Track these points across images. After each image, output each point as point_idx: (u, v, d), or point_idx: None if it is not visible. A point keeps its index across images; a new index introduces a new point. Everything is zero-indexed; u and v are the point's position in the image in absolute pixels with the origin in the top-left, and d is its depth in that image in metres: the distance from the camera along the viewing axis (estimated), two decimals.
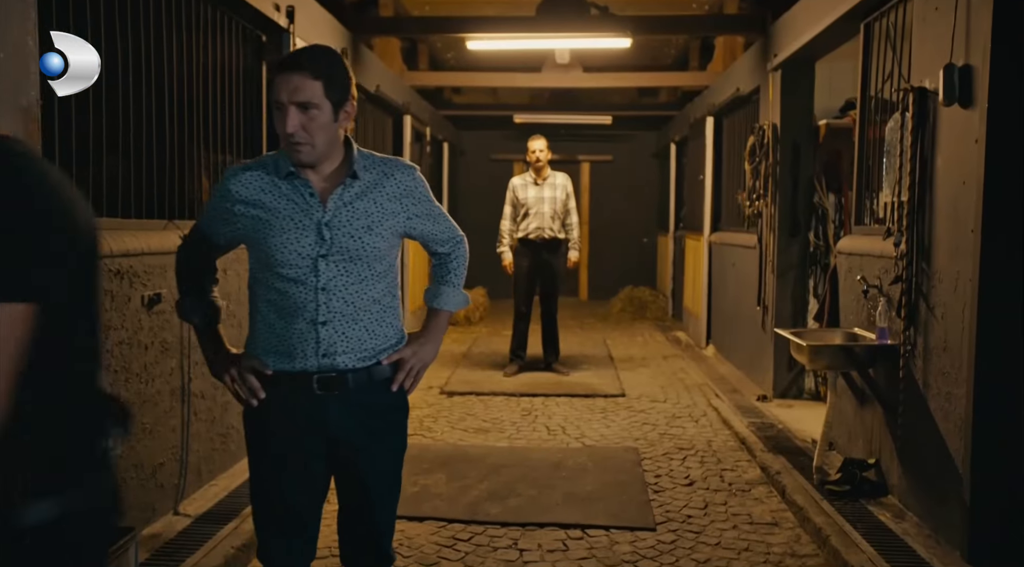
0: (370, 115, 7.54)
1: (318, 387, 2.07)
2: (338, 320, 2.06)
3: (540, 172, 6.92)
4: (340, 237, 2.05)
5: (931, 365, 3.43)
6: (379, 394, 2.15)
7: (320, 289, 2.04)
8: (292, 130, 1.96)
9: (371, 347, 2.12)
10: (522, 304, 7.04)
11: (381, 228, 2.10)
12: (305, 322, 2.05)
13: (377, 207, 2.10)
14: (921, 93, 3.50)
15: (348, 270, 2.06)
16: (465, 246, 2.36)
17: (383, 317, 2.15)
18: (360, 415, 2.12)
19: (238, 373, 2.10)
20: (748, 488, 4.20)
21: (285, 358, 2.08)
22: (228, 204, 2.08)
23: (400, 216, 2.15)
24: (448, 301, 2.33)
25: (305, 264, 2.03)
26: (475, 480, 4.28)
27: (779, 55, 5.83)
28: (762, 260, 6.15)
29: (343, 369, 2.08)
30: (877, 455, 3.96)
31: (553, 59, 9.01)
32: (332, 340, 2.06)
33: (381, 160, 2.17)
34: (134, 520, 3.19)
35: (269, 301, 2.08)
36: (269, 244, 2.03)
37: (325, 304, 2.05)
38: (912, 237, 3.55)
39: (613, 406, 5.93)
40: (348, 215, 2.06)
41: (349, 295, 2.07)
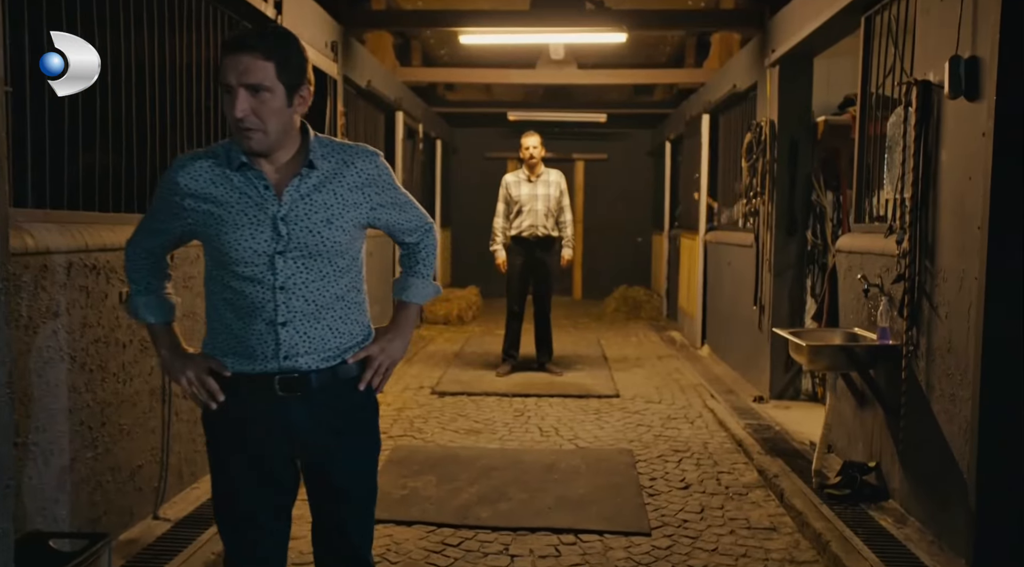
0: (362, 111, 7.43)
1: (280, 389, 1.96)
2: (299, 320, 1.95)
3: (534, 169, 6.81)
4: (298, 232, 1.92)
5: (934, 366, 3.34)
6: (345, 394, 2.04)
7: (278, 288, 1.92)
8: (241, 115, 1.83)
9: (335, 346, 2.01)
10: (515, 303, 6.93)
11: (342, 221, 1.98)
12: (263, 323, 1.94)
13: (337, 199, 1.97)
14: (925, 86, 3.41)
15: (308, 267, 1.95)
16: (435, 234, 2.24)
17: (348, 314, 2.03)
18: (326, 417, 2.01)
19: (195, 375, 1.98)
20: (745, 492, 4.10)
21: (244, 359, 1.97)
22: (177, 197, 1.95)
23: (363, 207, 2.02)
24: (417, 293, 2.21)
25: (261, 262, 1.91)
26: (466, 483, 4.18)
27: (777, 50, 5.73)
28: (759, 259, 6.06)
29: (306, 370, 1.97)
30: (877, 458, 3.86)
31: (547, 55, 8.91)
32: (293, 341, 1.95)
33: (340, 147, 2.03)
34: (110, 525, 3.08)
35: (225, 300, 1.97)
36: (222, 241, 1.91)
37: (284, 304, 1.93)
38: (915, 234, 3.46)
39: (607, 407, 5.83)
40: (306, 208, 1.94)
41: (310, 293, 1.96)
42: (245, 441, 2.00)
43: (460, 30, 6.78)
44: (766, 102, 5.99)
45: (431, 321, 9.94)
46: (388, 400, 5.90)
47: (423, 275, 2.23)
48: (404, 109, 8.61)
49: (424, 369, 7.09)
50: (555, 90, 11.28)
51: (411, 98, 9.32)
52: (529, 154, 6.76)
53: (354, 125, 7.12)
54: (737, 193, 7.09)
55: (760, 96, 6.19)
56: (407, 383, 6.51)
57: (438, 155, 11.35)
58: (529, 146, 6.76)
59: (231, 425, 2.01)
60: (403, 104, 8.57)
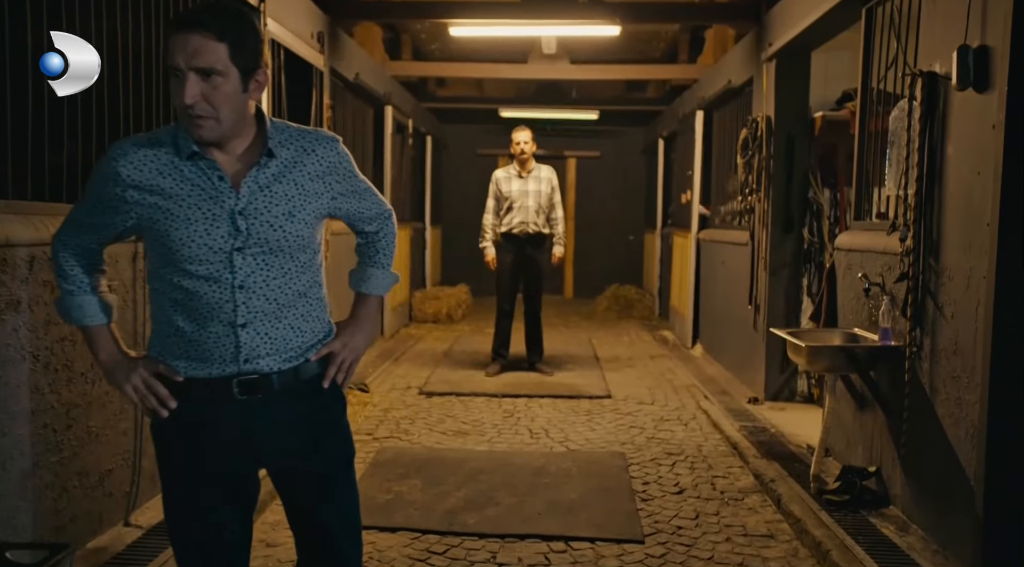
0: (350, 104, 7.28)
1: (239, 392, 1.82)
2: (260, 321, 1.81)
3: (525, 165, 6.68)
4: (258, 227, 1.78)
5: (939, 368, 3.21)
6: (309, 394, 1.92)
7: (237, 287, 1.78)
8: (191, 101, 1.68)
9: (297, 345, 1.88)
10: (505, 301, 6.79)
11: (304, 213, 1.84)
12: (221, 325, 1.79)
13: (298, 189, 1.84)
14: (930, 78, 3.28)
15: (269, 263, 1.81)
16: (394, 222, 2.13)
17: (310, 312, 1.90)
18: (290, 418, 1.88)
19: (142, 380, 1.83)
20: (741, 497, 3.97)
21: (199, 363, 1.82)
22: (118, 189, 1.77)
23: (324, 197, 1.89)
24: (378, 284, 2.09)
25: (218, 260, 1.77)
26: (452, 487, 4.04)
27: (774, 44, 5.61)
28: (754, 257, 5.93)
29: (267, 371, 1.84)
30: (878, 463, 3.74)
31: (539, 49, 8.76)
32: (254, 343, 1.81)
33: (299, 133, 1.89)
34: (77, 533, 2.93)
35: (175, 301, 1.80)
36: (172, 237, 1.75)
37: (244, 304, 1.79)
38: (919, 231, 3.33)
39: (598, 408, 5.70)
40: (266, 201, 1.79)
41: (271, 292, 1.82)
42: (202, 451, 1.85)
43: (450, 21, 6.63)
44: (762, 97, 5.87)
45: (420, 319, 9.79)
46: (374, 401, 5.76)
47: (383, 265, 2.11)
48: (393, 103, 8.46)
49: (412, 368, 6.95)
50: (547, 86, 11.13)
51: (401, 93, 9.17)
52: (520, 149, 6.62)
53: (342, 119, 6.96)
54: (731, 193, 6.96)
55: (756, 91, 6.07)
56: (394, 383, 6.36)
57: (428, 151, 11.19)
58: (520, 141, 6.62)
59: (185, 434, 1.85)
60: (392, 98, 8.42)
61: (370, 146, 8.10)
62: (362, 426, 5.12)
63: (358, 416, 5.31)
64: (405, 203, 9.43)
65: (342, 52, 6.58)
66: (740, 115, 6.66)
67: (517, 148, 6.63)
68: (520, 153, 6.62)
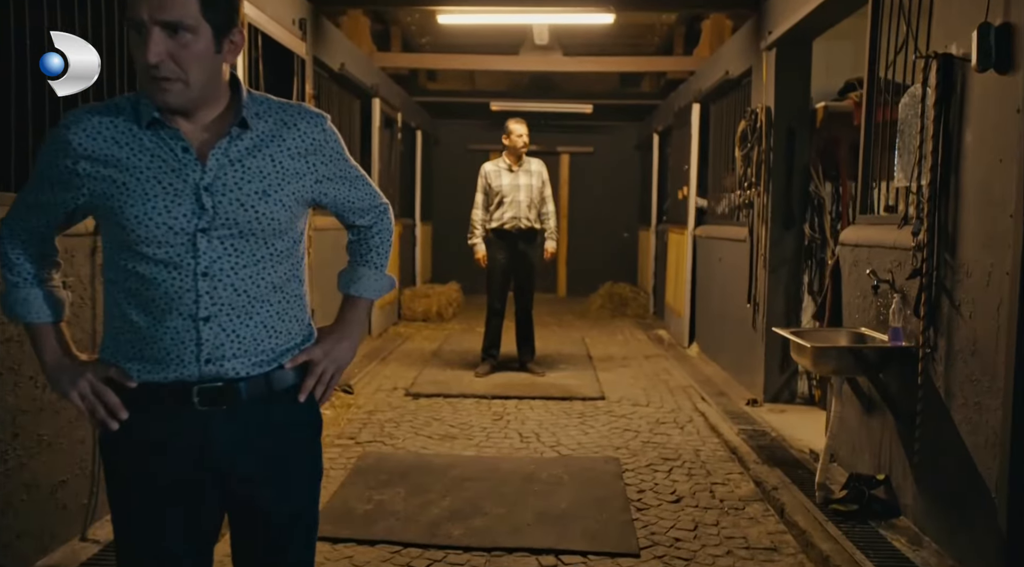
0: (335, 96, 7.05)
1: (200, 401, 1.59)
2: (225, 315, 1.58)
3: (518, 158, 6.47)
4: (226, 205, 1.56)
5: (956, 371, 3.00)
6: (282, 408, 1.68)
7: (201, 275, 1.56)
8: (155, 60, 1.46)
9: (270, 348, 1.65)
10: (496, 299, 6.57)
11: (281, 193, 1.62)
12: (181, 318, 1.56)
13: (276, 166, 1.62)
14: (946, 60, 3.07)
15: (238, 248, 1.59)
16: (390, 217, 1.90)
17: (286, 310, 1.67)
18: (257, 435, 1.65)
19: (91, 387, 1.60)
20: (742, 506, 3.76)
21: (154, 365, 1.59)
22: (68, 161, 1.56)
23: (306, 178, 1.67)
24: (369, 286, 1.85)
25: (179, 242, 1.55)
26: (437, 495, 3.82)
27: (774, 32, 5.39)
28: (753, 254, 5.72)
29: (233, 377, 1.61)
30: (887, 470, 3.53)
31: (531, 40, 8.54)
32: (218, 341, 1.58)
33: (279, 106, 1.68)
34: (25, 551, 2.70)
35: (130, 292, 1.58)
36: (127, 215, 1.53)
37: (208, 294, 1.57)
38: (933, 225, 3.12)
39: (592, 410, 5.48)
40: (237, 176, 1.58)
41: (240, 282, 1.59)
42: (156, 471, 1.62)
43: (438, 9, 6.40)
44: (762, 88, 5.66)
45: (409, 318, 9.56)
46: (359, 402, 5.53)
47: (376, 265, 1.87)
48: (381, 96, 8.22)
49: (399, 369, 6.72)
50: (540, 79, 10.91)
51: (389, 85, 8.94)
52: (523, 142, 6.41)
53: (326, 111, 6.69)
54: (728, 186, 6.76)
55: (755, 82, 5.86)
56: (380, 384, 6.14)
57: (418, 146, 10.96)
58: (523, 134, 6.41)
59: (137, 450, 1.62)
60: (380, 91, 8.18)
61: (357, 140, 7.87)
62: (345, 429, 4.89)
63: (341, 419, 5.09)
64: (394, 199, 9.19)
65: (326, 41, 6.34)
66: (738, 107, 6.45)
67: (520, 141, 6.40)
68: (522, 146, 6.42)
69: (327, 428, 4.85)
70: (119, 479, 1.66)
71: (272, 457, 1.68)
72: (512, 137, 6.41)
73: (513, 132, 6.41)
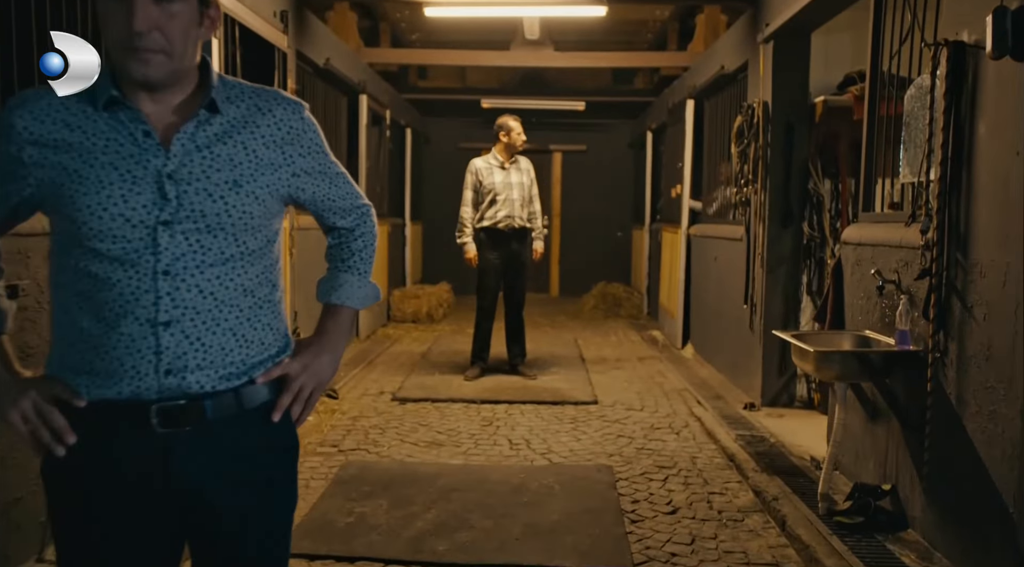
0: (320, 92, 6.86)
1: (159, 422, 1.41)
2: (189, 319, 1.41)
3: (511, 155, 6.29)
4: (192, 195, 1.40)
5: (968, 377, 2.83)
6: (255, 429, 1.50)
7: (161, 273, 1.39)
8: (144, 27, 1.33)
9: (240, 359, 1.47)
10: (488, 301, 6.38)
11: (254, 185, 1.46)
12: (138, 323, 1.38)
13: (248, 155, 1.46)
14: (957, 48, 2.90)
15: (204, 245, 1.41)
16: (374, 219, 1.73)
17: (258, 315, 1.50)
18: (223, 460, 1.47)
19: (33, 407, 1.40)
20: (741, 517, 3.59)
21: (106, 379, 1.40)
22: (12, 148, 1.39)
23: (282, 170, 1.51)
24: (352, 294, 1.67)
25: (137, 236, 1.38)
26: (422, 507, 3.63)
27: (771, 24, 5.22)
28: (750, 253, 5.55)
29: (197, 393, 1.42)
30: (892, 479, 3.37)
31: (522, 35, 8.35)
32: (180, 349, 1.40)
33: (252, 90, 1.52)
34: None
35: (80, 295, 1.40)
36: (79, 206, 1.36)
37: (169, 295, 1.39)
38: (943, 222, 2.95)
39: (584, 415, 5.30)
40: (204, 164, 1.42)
41: (206, 282, 1.42)
42: (107, 500, 1.43)
43: (425, 1, 6.20)
44: (758, 82, 5.49)
45: (399, 319, 9.37)
46: (343, 407, 5.34)
47: (360, 271, 1.70)
48: (369, 93, 8.03)
49: (386, 372, 6.53)
50: (531, 75, 10.73)
51: (377, 82, 8.74)
52: (523, 140, 6.24)
53: (311, 107, 6.52)
54: (723, 180, 6.59)
55: (752, 76, 5.69)
56: (366, 388, 5.95)
57: (408, 144, 10.77)
58: (521, 131, 6.24)
59: (86, 478, 1.44)
60: (368, 87, 7.99)
61: (344, 137, 7.68)
62: (328, 436, 4.70)
63: (324, 425, 4.90)
64: (383, 198, 9.01)
65: (310, 35, 6.15)
66: (734, 103, 6.28)
67: (520, 138, 6.23)
68: (521, 144, 6.25)
69: (309, 435, 4.67)
70: (65, 511, 1.47)
71: (242, 486, 1.50)
72: (512, 134, 6.23)
73: (513, 129, 6.23)
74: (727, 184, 6.32)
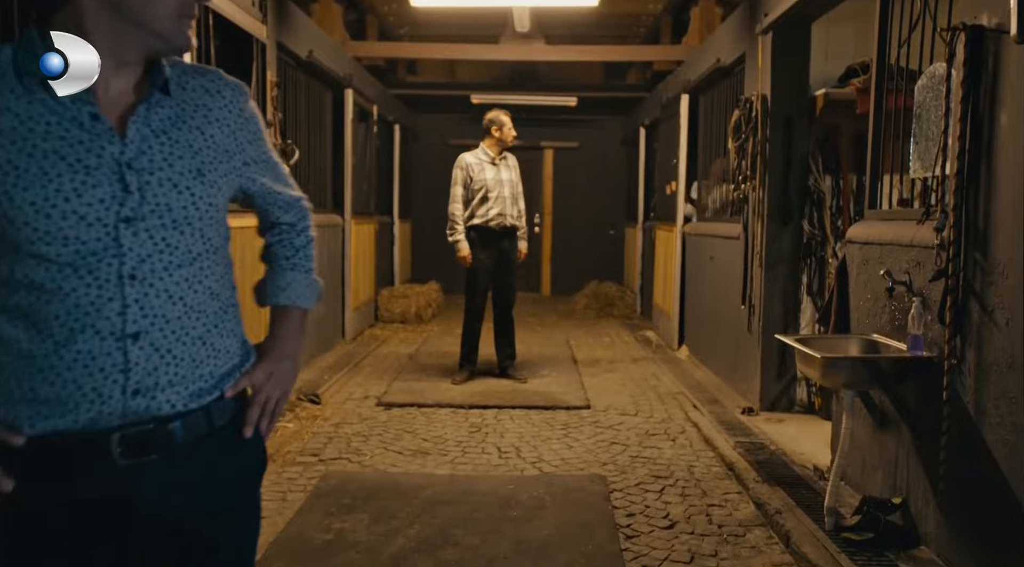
0: (303, 85, 6.63)
1: (123, 452, 1.21)
2: (159, 330, 1.23)
3: (501, 151, 6.09)
4: (155, 187, 1.22)
5: (988, 386, 2.64)
6: (225, 449, 1.33)
7: (128, 278, 1.20)
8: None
9: (210, 372, 1.30)
10: (478, 302, 6.17)
11: (215, 174, 1.31)
12: (99, 338, 1.19)
13: (206, 140, 1.31)
14: (975, 34, 2.70)
15: (172, 243, 1.24)
16: (311, 216, 1.57)
17: (224, 320, 1.34)
18: (194, 490, 1.29)
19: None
20: (742, 532, 3.39)
21: (56, 407, 1.19)
22: None
23: (236, 159, 1.36)
24: (303, 293, 1.51)
25: (94, 236, 1.18)
26: (404, 522, 3.43)
27: (770, 14, 5.03)
28: (748, 252, 5.36)
29: (167, 414, 1.24)
30: (903, 492, 3.18)
31: (512, 27, 8.14)
32: (151, 365, 1.22)
33: (197, 70, 1.35)
34: None
35: (18, 311, 1.19)
36: (18, 203, 1.15)
37: (138, 303, 1.21)
38: (960, 219, 2.76)
39: (577, 420, 5.10)
40: (165, 150, 1.24)
41: (175, 286, 1.24)
42: (57, 548, 1.23)
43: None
44: (756, 75, 5.29)
45: (387, 319, 9.15)
46: (326, 413, 5.13)
47: (305, 268, 1.53)
48: (355, 87, 7.80)
49: (372, 375, 6.32)
50: (522, 70, 10.52)
51: (364, 76, 8.52)
52: (513, 134, 6.05)
53: (293, 101, 6.32)
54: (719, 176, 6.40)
55: (749, 69, 5.50)
56: (350, 392, 5.73)
57: (396, 141, 10.55)
58: (512, 126, 6.05)
59: (31, 528, 1.22)
60: (354, 81, 7.76)
61: (329, 133, 7.45)
62: (308, 444, 4.49)
63: (305, 432, 4.69)
64: (370, 195, 8.78)
65: (292, 26, 5.93)
66: (730, 97, 6.09)
67: (510, 133, 6.05)
68: (512, 140, 6.05)
69: (288, 443, 4.45)
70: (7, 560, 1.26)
71: (215, 515, 1.32)
72: (504, 130, 6.03)
73: (505, 124, 6.04)
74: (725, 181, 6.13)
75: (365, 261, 8.46)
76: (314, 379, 5.95)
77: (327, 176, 7.40)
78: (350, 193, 7.71)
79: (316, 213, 6.82)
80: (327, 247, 6.90)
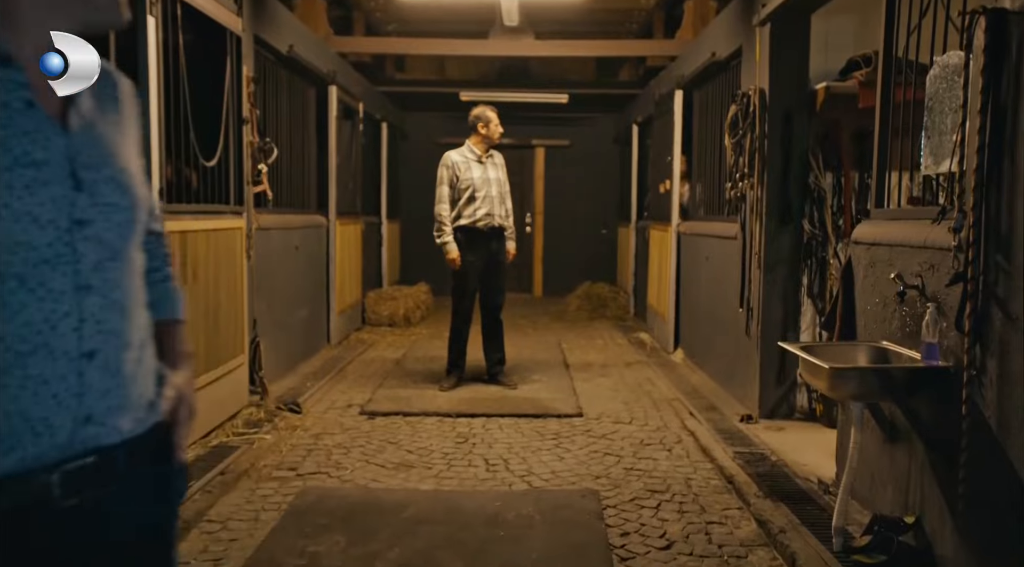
0: (284, 82, 6.40)
1: (64, 492, 1.05)
2: (112, 346, 1.09)
3: (488, 149, 5.88)
4: (103, 184, 1.10)
5: (1012, 398, 2.44)
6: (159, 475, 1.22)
7: (83, 288, 1.05)
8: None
9: (148, 391, 1.19)
10: (467, 306, 5.94)
11: (136, 170, 1.20)
12: (51, 360, 1.03)
13: (121, 134, 1.20)
14: (996, 17, 2.49)
15: (116, 248, 1.12)
16: None
17: (150, 334, 1.22)
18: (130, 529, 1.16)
19: None
20: (744, 553, 3.18)
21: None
22: None
23: (132, 157, 1.22)
24: (179, 307, 1.40)
25: (45, 241, 1.02)
26: (384, 544, 3.21)
27: (768, 5, 4.81)
28: (746, 252, 5.15)
29: (112, 443, 1.09)
30: (916, 510, 2.97)
31: (500, 21, 7.91)
32: (104, 386, 1.08)
33: None
34: None
35: None
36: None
37: (94, 318, 1.06)
38: (980, 219, 2.55)
39: (568, 429, 4.88)
40: (100, 144, 1.13)
41: (122, 296, 1.12)
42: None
43: None
44: (754, 68, 5.08)
45: (374, 322, 8.92)
46: (306, 424, 4.90)
47: (175, 277, 1.41)
48: (339, 83, 7.57)
49: (356, 382, 6.09)
50: (512, 67, 10.29)
51: (349, 72, 8.28)
52: (500, 131, 5.84)
53: (274, 98, 6.10)
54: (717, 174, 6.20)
55: (746, 62, 5.29)
56: (333, 400, 5.51)
57: (384, 139, 10.31)
58: (499, 123, 5.83)
59: None
60: (338, 78, 7.53)
61: (312, 131, 7.23)
62: (286, 458, 4.26)
63: (283, 444, 4.46)
64: (356, 194, 8.55)
65: (270, 19, 5.70)
66: (726, 92, 5.88)
67: (497, 130, 5.83)
68: (499, 137, 5.84)
69: (265, 457, 4.23)
70: None
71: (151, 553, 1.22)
72: (491, 126, 5.82)
73: (492, 121, 5.83)
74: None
75: (351, 263, 8.23)
76: (296, 386, 5.73)
77: (311, 175, 7.17)
78: (335, 193, 7.48)
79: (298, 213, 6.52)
80: (310, 248, 6.67)
